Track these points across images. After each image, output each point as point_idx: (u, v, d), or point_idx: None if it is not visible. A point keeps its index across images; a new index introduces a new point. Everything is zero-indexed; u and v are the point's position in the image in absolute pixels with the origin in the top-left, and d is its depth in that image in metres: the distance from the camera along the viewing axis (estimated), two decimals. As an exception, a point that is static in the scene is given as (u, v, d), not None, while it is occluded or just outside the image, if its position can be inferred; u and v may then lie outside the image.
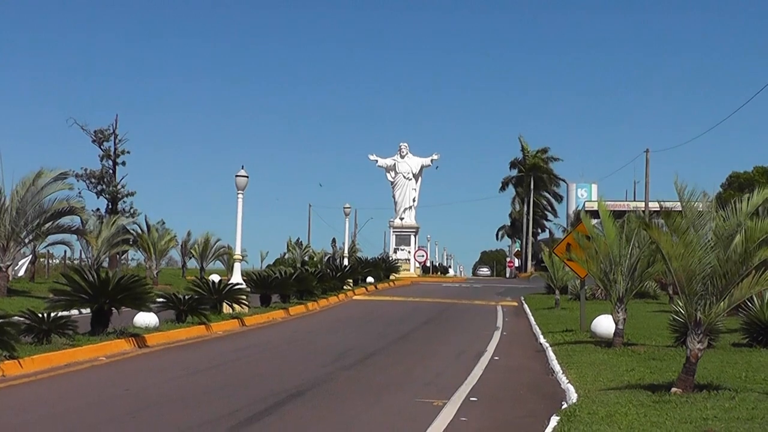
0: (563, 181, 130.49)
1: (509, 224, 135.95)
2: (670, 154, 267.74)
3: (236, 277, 36.24)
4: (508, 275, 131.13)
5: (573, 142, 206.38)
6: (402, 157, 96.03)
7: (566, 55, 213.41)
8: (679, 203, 15.54)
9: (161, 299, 28.56)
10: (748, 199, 15.24)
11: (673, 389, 15.01)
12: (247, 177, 36.33)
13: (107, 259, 53.09)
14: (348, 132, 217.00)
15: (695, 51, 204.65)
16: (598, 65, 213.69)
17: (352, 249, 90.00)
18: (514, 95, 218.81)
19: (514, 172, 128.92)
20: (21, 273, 50.84)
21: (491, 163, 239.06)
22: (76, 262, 54.26)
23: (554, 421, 12.72)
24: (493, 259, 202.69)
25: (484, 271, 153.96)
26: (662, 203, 15.29)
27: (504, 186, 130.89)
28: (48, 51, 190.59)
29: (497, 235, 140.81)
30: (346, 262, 63.10)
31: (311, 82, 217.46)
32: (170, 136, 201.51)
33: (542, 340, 27.07)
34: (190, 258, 69.90)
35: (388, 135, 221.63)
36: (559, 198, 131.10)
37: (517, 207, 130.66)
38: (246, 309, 33.77)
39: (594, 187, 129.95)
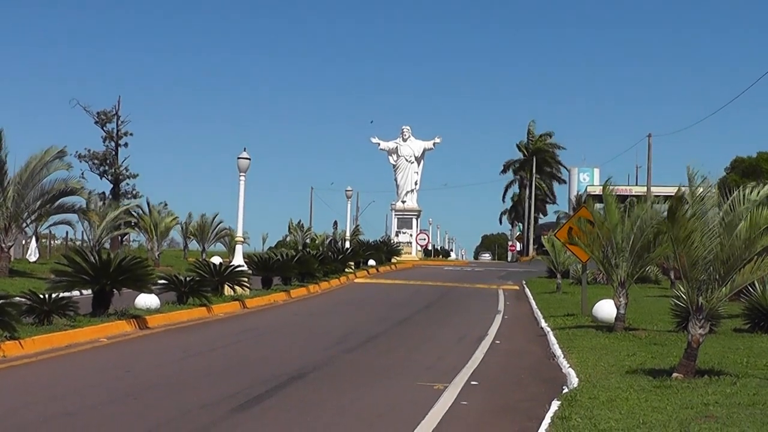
0: (564, 167, 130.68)
1: (511, 208, 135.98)
2: (673, 139, 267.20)
3: (238, 259, 36.24)
4: (509, 259, 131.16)
5: (575, 126, 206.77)
6: (404, 140, 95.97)
7: (568, 38, 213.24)
8: (675, 188, 15.48)
9: (162, 281, 28.55)
10: (758, 190, 15.12)
11: (675, 374, 14.98)
12: (249, 159, 36.29)
13: (109, 240, 53.11)
14: (351, 114, 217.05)
15: (699, 33, 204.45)
16: (600, 48, 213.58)
17: (354, 232, 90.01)
18: (517, 79, 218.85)
19: (519, 156, 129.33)
20: (32, 258, 50.22)
21: (494, 147, 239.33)
22: (78, 243, 54.27)
23: (555, 405, 12.70)
24: (494, 243, 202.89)
25: (486, 256, 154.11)
26: (681, 188, 15.20)
27: (506, 169, 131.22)
28: (49, 30, 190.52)
29: (500, 219, 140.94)
30: (347, 244, 63.19)
31: (315, 62, 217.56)
32: (174, 117, 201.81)
33: (543, 324, 27.06)
34: (192, 240, 70.02)
35: (391, 118, 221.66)
36: (561, 182, 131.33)
37: (519, 191, 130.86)
38: (247, 291, 33.77)
39: (596, 171, 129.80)
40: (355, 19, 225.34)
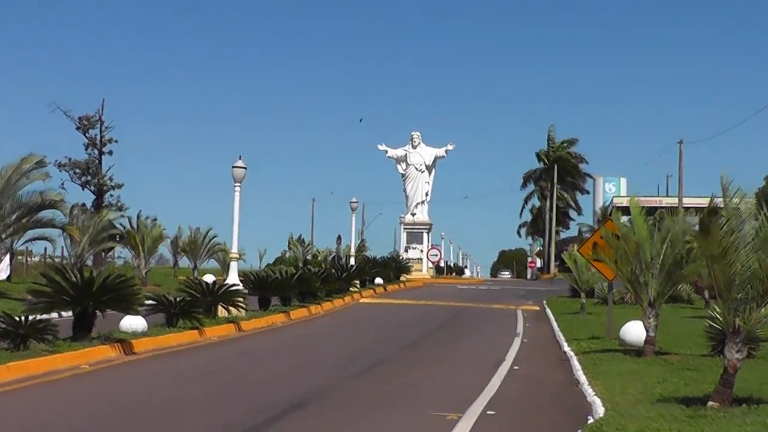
0: (589, 176, 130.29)
1: (531, 221, 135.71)
2: (707, 146, 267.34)
3: (232, 278, 36.21)
4: (529, 276, 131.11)
5: (600, 133, 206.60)
6: (414, 147, 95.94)
7: (593, 41, 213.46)
8: (709, 199, 15.44)
9: (150, 301, 28.52)
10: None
11: (710, 403, 14.91)
12: (245, 168, 36.32)
13: (91, 257, 53.08)
14: (355, 120, 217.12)
15: (732, 32, 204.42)
16: (626, 51, 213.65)
17: (360, 247, 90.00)
18: (535, 82, 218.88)
19: (538, 165, 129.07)
20: (2, 275, 50.32)
21: (512, 155, 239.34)
22: (57, 260, 54.26)
23: (579, 437, 12.65)
24: (512, 259, 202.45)
25: (505, 274, 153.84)
26: (713, 199, 15.13)
27: (526, 180, 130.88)
28: (27, 29, 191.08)
29: (518, 232, 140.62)
30: (352, 261, 63.11)
31: (314, 65, 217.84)
32: (162, 125, 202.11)
33: (566, 347, 26.99)
34: (182, 256, 69.98)
35: (399, 124, 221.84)
36: (585, 192, 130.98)
37: (539, 202, 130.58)
38: (243, 312, 33.73)
39: (623, 181, 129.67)
40: (360, 17, 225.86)
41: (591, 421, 14.21)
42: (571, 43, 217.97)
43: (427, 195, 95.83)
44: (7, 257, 51.70)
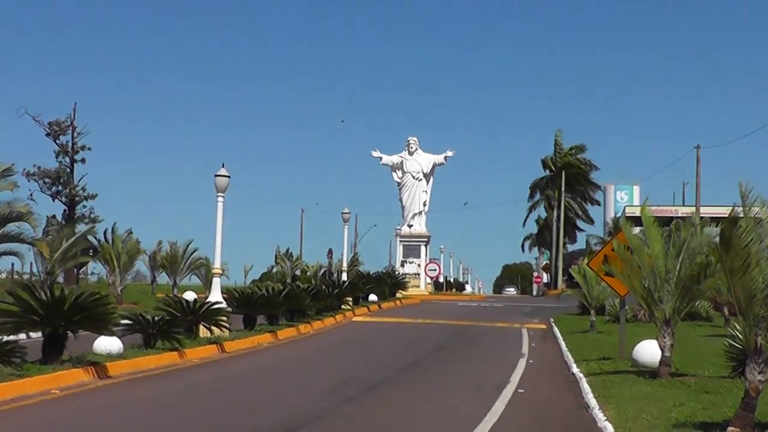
0: (597, 187, 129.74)
1: (536, 233, 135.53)
2: (725, 152, 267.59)
3: (215, 295, 36.15)
4: (534, 293, 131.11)
5: (611, 139, 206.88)
6: (411, 153, 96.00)
7: (601, 44, 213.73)
8: (728, 209, 15.41)
9: (126, 321, 28.45)
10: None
11: (730, 428, 14.89)
12: (229, 177, 36.27)
13: (63, 273, 53.02)
14: (347, 126, 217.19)
15: (748, 36, 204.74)
16: (637, 53, 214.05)
17: (352, 261, 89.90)
18: (543, 87, 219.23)
19: (545, 173, 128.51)
20: None
21: (517, 163, 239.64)
22: (25, 276, 54.18)
23: (589, 466, 12.62)
24: (517, 274, 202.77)
25: (510, 290, 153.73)
26: (735, 208, 15.11)
27: (532, 190, 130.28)
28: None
29: (522, 246, 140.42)
30: (344, 276, 63.09)
31: (305, 65, 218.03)
32: (139, 131, 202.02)
33: (575, 369, 26.95)
34: (161, 272, 69.89)
35: (396, 129, 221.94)
36: (595, 203, 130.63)
37: (546, 213, 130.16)
38: (226, 332, 33.66)
39: (636, 189, 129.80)
40: (352, 15, 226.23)
41: (602, 448, 14.17)
42: (578, 47, 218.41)
43: (424, 205, 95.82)
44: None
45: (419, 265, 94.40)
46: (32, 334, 25.94)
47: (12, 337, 22.35)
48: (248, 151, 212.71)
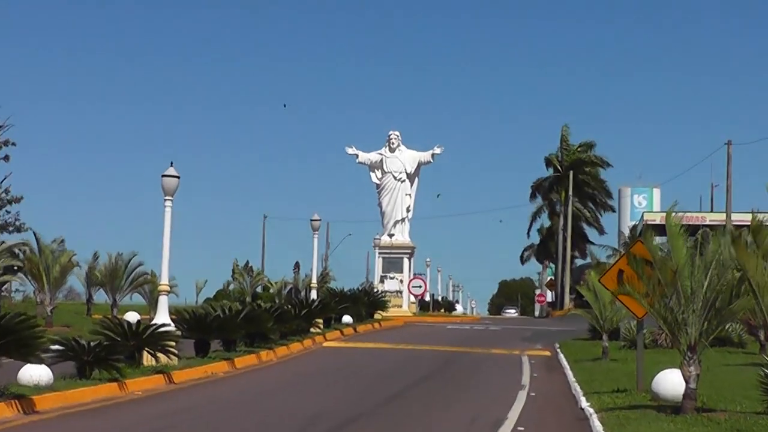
0: (607, 191, 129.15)
1: (538, 243, 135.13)
2: (757, 149, 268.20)
3: (162, 316, 36.04)
4: (537, 313, 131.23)
5: (625, 136, 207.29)
6: (392, 150, 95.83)
7: (609, 22, 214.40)
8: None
9: (57, 346, 28.36)
10: None
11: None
12: (178, 178, 36.14)
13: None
14: (317, 119, 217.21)
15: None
16: (654, 40, 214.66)
17: (323, 277, 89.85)
18: (545, 80, 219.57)
19: (548, 172, 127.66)
20: None
21: (515, 163, 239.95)
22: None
23: None
24: (516, 292, 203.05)
25: (511, 312, 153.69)
26: (755, 214, 15.18)
27: (535, 192, 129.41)
28: None
29: (522, 257, 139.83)
30: (314, 294, 62.95)
31: (257, 52, 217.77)
32: (75, 123, 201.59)
33: (584, 404, 26.97)
34: (99, 289, 69.63)
35: (373, 123, 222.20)
36: (608, 209, 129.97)
37: (550, 220, 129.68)
38: (175, 360, 33.64)
39: (656, 192, 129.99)
40: (334, 6, 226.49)
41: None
42: (584, 28, 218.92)
43: (408, 211, 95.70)
44: None
45: (402, 282, 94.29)
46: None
47: None
48: (202, 149, 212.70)
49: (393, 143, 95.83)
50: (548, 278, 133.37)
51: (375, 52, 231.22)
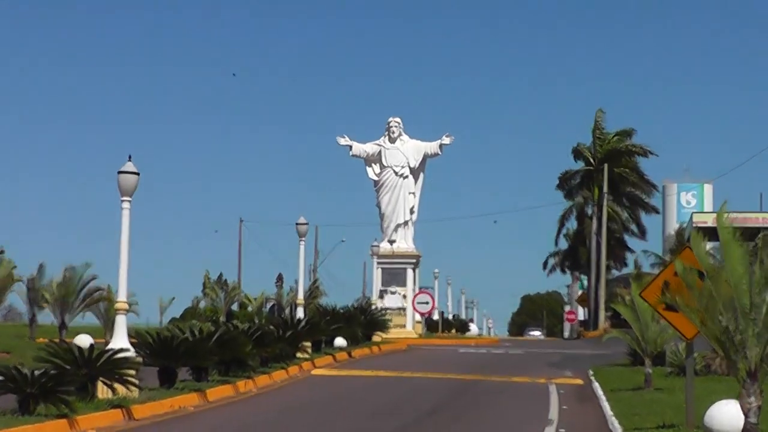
0: (654, 187, 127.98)
1: (566, 250, 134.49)
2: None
3: (120, 340, 36.06)
4: (566, 334, 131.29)
5: (668, 123, 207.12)
6: (392, 140, 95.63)
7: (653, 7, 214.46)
8: None
9: (-5, 376, 28.45)
10: None
11: None
12: (138, 175, 36.17)
13: None
14: (304, 108, 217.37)
15: None
16: (698, 20, 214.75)
17: (312, 292, 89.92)
18: (570, 57, 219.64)
19: (578, 166, 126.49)
20: None
21: (538, 157, 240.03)
22: None
23: None
24: (542, 308, 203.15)
25: (535, 333, 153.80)
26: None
27: (563, 189, 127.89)
28: None
29: (545, 265, 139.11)
30: (300, 313, 62.96)
31: (232, 27, 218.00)
32: (17, 125, 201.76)
33: (624, 441, 27.02)
34: (44, 308, 69.65)
35: (371, 113, 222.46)
36: (651, 210, 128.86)
37: (581, 222, 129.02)
38: (136, 392, 33.67)
39: (707, 189, 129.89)
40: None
41: None
42: (617, 7, 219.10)
43: (412, 212, 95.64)
44: None
45: (405, 297, 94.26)
46: None
47: None
48: (164, 141, 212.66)
49: (393, 132, 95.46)
50: (579, 292, 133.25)
51: (370, 27, 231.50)
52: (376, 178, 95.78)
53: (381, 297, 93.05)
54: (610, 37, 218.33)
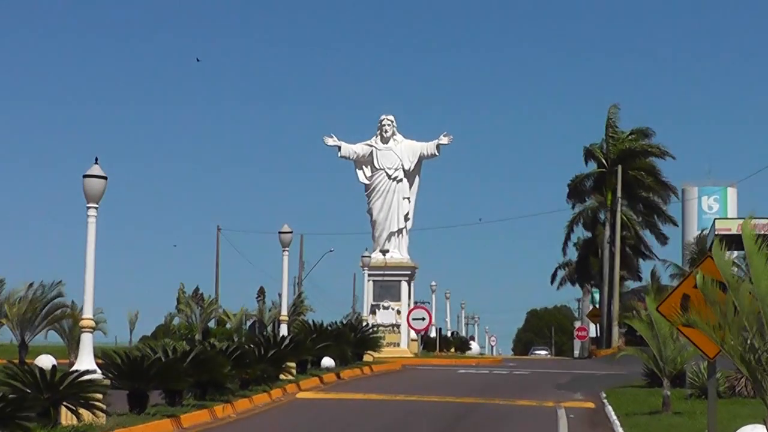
0: (673, 191, 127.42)
1: (576, 261, 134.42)
2: None
3: (85, 361, 36.01)
4: (577, 353, 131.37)
5: (686, 123, 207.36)
6: (385, 140, 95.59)
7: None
8: None
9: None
10: None
11: None
12: (105, 179, 36.11)
13: None
14: (285, 106, 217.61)
15: None
16: (718, 14, 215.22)
17: (296, 307, 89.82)
18: (581, 51, 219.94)
19: (589, 168, 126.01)
20: None
21: (544, 160, 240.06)
22: None
23: None
24: (549, 324, 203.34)
25: (541, 353, 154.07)
26: None
27: (573, 193, 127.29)
28: None
29: (553, 278, 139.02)
30: (284, 330, 62.95)
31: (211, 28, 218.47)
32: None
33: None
34: (3, 326, 69.63)
35: (362, 110, 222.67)
36: (667, 220, 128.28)
37: (593, 230, 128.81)
38: (103, 417, 33.63)
39: (731, 193, 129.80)
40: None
41: None
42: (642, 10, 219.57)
43: (406, 219, 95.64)
44: None
45: (399, 312, 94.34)
46: None
47: None
48: (134, 146, 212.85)
49: (386, 131, 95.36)
50: (591, 307, 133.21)
51: (358, 21, 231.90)
52: (367, 182, 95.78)
53: (373, 312, 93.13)
54: (624, 32, 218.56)
